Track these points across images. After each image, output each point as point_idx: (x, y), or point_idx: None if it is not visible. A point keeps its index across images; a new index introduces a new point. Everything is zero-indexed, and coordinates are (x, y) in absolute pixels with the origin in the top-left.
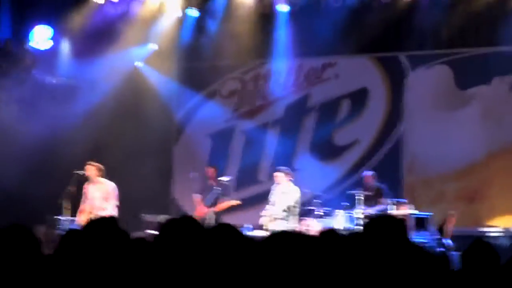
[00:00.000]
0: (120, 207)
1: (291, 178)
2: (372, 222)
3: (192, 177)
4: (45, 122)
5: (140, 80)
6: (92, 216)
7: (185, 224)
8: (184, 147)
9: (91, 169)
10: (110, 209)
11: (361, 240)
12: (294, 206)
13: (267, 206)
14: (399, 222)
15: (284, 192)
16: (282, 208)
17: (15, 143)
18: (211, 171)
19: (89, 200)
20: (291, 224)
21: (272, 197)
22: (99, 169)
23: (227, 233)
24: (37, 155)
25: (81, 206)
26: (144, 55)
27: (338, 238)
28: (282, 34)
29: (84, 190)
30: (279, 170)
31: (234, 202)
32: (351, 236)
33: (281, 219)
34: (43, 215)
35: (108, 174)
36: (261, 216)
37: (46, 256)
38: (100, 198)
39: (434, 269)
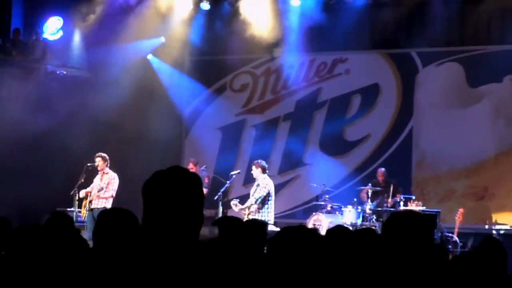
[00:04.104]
0: (116, 198)
1: (266, 171)
2: (393, 218)
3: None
4: (55, 113)
5: (150, 72)
6: (87, 204)
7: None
8: (194, 140)
9: (98, 160)
10: (106, 196)
11: (380, 236)
12: (266, 199)
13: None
14: (423, 220)
15: (257, 185)
16: (253, 201)
17: (26, 135)
18: (191, 165)
19: (92, 189)
20: (265, 217)
21: (250, 192)
22: (105, 159)
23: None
24: (48, 146)
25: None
26: (155, 48)
27: (348, 235)
28: (294, 29)
29: (94, 180)
30: (252, 164)
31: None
32: (364, 232)
33: (255, 212)
34: (54, 206)
35: (117, 167)
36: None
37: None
38: (100, 187)
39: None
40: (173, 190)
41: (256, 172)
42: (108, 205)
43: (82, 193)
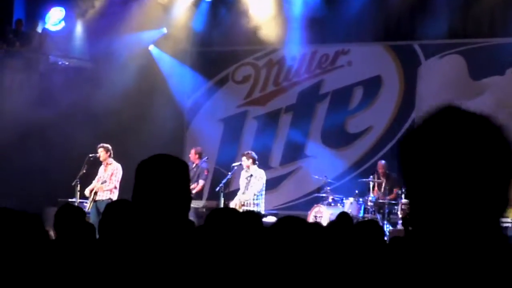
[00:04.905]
0: (121, 189)
1: (256, 162)
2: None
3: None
4: (57, 103)
5: (152, 64)
6: (91, 194)
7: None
8: (195, 132)
9: (100, 151)
10: (109, 189)
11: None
12: (262, 190)
13: (239, 193)
14: None
15: (252, 177)
16: (253, 192)
17: (28, 125)
18: (192, 152)
19: (96, 180)
20: (261, 208)
21: (240, 183)
22: (107, 150)
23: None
24: (50, 137)
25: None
26: (157, 39)
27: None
28: (296, 20)
29: (98, 171)
30: (243, 154)
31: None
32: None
33: (252, 204)
34: (56, 197)
35: (119, 158)
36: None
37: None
38: (104, 178)
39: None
40: (160, 175)
41: (247, 162)
42: (114, 196)
43: (87, 192)
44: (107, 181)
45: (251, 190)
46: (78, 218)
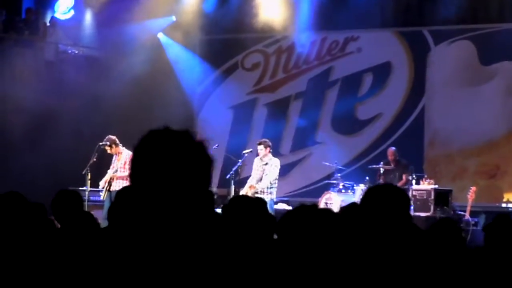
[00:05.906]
0: None
1: (271, 150)
2: (370, 192)
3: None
4: (66, 92)
5: (161, 52)
6: (107, 184)
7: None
8: (205, 119)
9: (107, 149)
10: (123, 176)
11: (358, 210)
12: (276, 179)
13: (249, 180)
14: (400, 193)
15: (268, 165)
16: (269, 180)
17: (38, 114)
18: None
19: (111, 170)
20: (273, 196)
21: (254, 171)
22: (111, 143)
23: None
24: (60, 126)
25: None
26: (166, 27)
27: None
28: (306, 7)
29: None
30: (259, 143)
31: None
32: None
33: (266, 192)
34: (66, 186)
35: (128, 147)
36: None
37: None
38: (119, 167)
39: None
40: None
41: (265, 151)
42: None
43: (102, 183)
44: (119, 170)
45: (266, 178)
46: (74, 204)
